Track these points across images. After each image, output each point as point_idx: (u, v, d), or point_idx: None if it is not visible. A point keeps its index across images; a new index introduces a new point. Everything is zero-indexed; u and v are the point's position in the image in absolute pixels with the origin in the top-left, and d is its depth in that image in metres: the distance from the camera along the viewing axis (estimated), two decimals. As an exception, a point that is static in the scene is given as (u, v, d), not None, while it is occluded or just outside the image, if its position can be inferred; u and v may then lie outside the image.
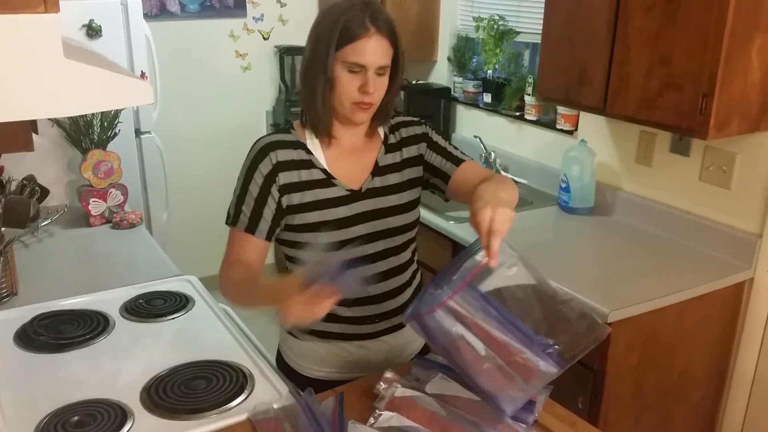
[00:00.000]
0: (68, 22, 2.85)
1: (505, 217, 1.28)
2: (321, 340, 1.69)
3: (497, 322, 1.30)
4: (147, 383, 1.59)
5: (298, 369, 1.73)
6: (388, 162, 1.66)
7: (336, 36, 1.47)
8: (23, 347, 1.77)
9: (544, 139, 3.18)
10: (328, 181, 1.59)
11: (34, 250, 2.41)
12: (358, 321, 1.68)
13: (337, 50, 1.47)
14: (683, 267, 2.35)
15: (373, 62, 1.48)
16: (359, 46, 1.46)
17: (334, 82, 1.50)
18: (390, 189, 1.65)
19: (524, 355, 1.29)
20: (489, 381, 1.32)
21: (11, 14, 0.99)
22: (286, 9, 4.25)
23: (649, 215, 2.67)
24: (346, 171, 1.61)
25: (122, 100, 1.26)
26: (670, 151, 2.58)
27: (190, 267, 2.45)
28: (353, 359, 1.71)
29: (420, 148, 1.69)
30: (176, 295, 2.05)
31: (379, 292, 1.67)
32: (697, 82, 2.04)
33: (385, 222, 1.63)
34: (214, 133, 4.22)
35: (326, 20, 1.50)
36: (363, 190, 1.61)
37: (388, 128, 1.69)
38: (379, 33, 1.48)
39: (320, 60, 1.49)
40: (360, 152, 1.64)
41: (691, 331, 2.28)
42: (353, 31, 1.46)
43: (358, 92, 1.49)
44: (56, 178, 2.87)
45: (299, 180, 1.57)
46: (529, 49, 3.39)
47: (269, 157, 1.57)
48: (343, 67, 1.48)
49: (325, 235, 1.57)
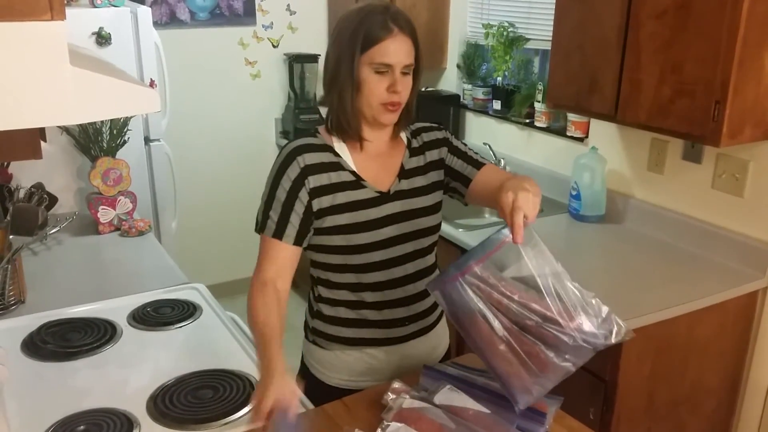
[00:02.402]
0: (78, 29, 2.86)
1: (527, 198, 1.30)
2: (349, 348, 1.69)
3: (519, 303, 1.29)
4: (154, 392, 1.59)
5: (326, 379, 1.72)
6: (413, 165, 1.68)
7: (360, 40, 1.50)
8: (30, 355, 1.76)
9: (555, 147, 3.16)
10: (357, 183, 1.60)
11: (42, 257, 2.41)
12: (387, 324, 1.68)
13: (362, 53, 1.50)
14: (695, 276, 2.32)
15: (399, 61, 1.51)
16: (384, 47, 1.49)
17: (362, 85, 1.52)
18: (416, 191, 1.66)
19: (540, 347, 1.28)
20: (504, 364, 1.31)
21: (18, 21, 0.99)
22: (296, 17, 4.25)
23: (661, 223, 2.64)
24: (373, 173, 1.63)
25: (129, 107, 1.25)
26: (682, 158, 2.56)
27: (199, 275, 2.44)
28: (381, 366, 1.70)
29: (441, 153, 1.71)
30: (184, 304, 2.05)
31: (408, 294, 1.67)
32: (710, 89, 2.02)
33: (413, 224, 1.64)
34: (223, 140, 4.23)
35: (347, 26, 1.53)
36: (391, 192, 1.63)
37: (410, 133, 1.71)
38: (402, 33, 1.51)
39: (346, 65, 1.51)
40: (386, 156, 1.66)
41: (703, 341, 2.25)
42: (377, 33, 1.49)
43: (386, 92, 1.52)
44: (65, 186, 2.87)
45: (329, 182, 1.57)
46: (539, 56, 3.38)
47: (297, 161, 1.57)
48: (370, 70, 1.51)
49: (357, 237, 1.58)
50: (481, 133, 3.59)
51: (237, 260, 4.38)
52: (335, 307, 1.68)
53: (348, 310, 1.67)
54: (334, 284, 1.66)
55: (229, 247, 4.35)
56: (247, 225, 5.11)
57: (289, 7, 4.22)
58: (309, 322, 1.76)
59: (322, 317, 1.70)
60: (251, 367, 1.70)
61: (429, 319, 1.75)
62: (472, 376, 1.50)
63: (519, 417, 1.36)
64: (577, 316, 1.28)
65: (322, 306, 1.70)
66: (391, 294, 1.65)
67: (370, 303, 1.65)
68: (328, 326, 1.70)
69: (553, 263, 1.31)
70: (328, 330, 1.70)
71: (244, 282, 5.06)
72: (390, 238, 1.61)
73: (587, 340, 1.28)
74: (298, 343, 1.79)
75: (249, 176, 4.35)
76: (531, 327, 1.28)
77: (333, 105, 1.58)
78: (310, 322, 1.75)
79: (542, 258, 1.31)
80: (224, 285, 4.10)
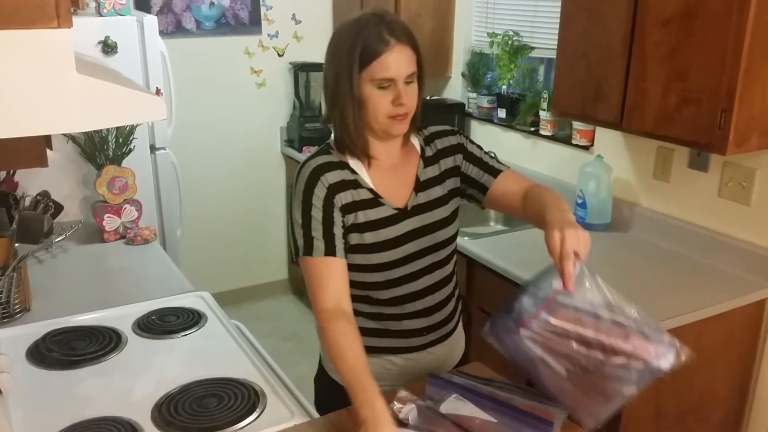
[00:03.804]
0: (84, 38, 2.87)
1: (576, 237, 1.28)
2: (370, 356, 1.67)
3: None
4: (158, 401, 1.58)
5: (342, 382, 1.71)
6: (428, 176, 1.65)
7: (357, 56, 1.45)
8: (35, 364, 1.76)
9: (560, 155, 3.16)
10: (375, 201, 1.57)
11: (48, 265, 2.41)
12: (407, 334, 1.67)
13: (362, 70, 1.46)
14: (702, 285, 2.31)
15: (400, 73, 1.47)
16: (384, 62, 1.45)
17: (365, 102, 1.49)
18: (434, 203, 1.64)
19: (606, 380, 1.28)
20: (570, 398, 1.33)
21: (24, 29, 0.99)
22: (301, 26, 4.27)
23: (667, 232, 2.63)
24: (389, 189, 1.60)
25: (135, 115, 1.25)
26: (688, 166, 2.55)
27: (204, 283, 2.44)
28: (399, 371, 1.70)
29: (456, 159, 1.68)
30: (189, 312, 2.04)
31: (427, 306, 1.66)
32: (716, 97, 2.02)
33: (432, 237, 1.62)
34: (228, 149, 4.23)
35: (343, 43, 1.49)
36: (409, 207, 1.61)
37: (423, 140, 1.68)
38: (400, 42, 1.47)
39: (345, 83, 1.48)
40: (400, 168, 1.63)
41: (711, 351, 2.24)
42: (374, 48, 1.45)
43: (392, 106, 1.49)
44: (71, 194, 2.87)
45: (352, 200, 1.55)
46: (543, 64, 3.38)
47: (321, 181, 1.53)
48: (372, 86, 1.47)
49: (377, 256, 1.56)
50: (486, 142, 3.58)
51: (242, 268, 4.40)
52: (355, 317, 1.66)
53: (367, 320, 1.65)
54: (354, 297, 1.63)
55: (234, 255, 4.36)
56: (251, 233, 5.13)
57: (294, 17, 4.23)
58: None
59: None
60: (256, 376, 1.69)
61: (447, 327, 1.74)
62: (478, 385, 1.49)
63: (526, 426, 1.35)
64: (637, 345, 1.26)
65: None
66: (410, 306, 1.64)
67: (390, 315, 1.64)
68: None
69: (606, 294, 1.30)
70: None
71: (248, 290, 5.07)
72: (409, 255, 1.59)
73: (649, 367, 1.28)
74: (303, 350, 1.79)
75: (254, 184, 4.36)
76: (593, 367, 1.28)
77: (336, 123, 1.55)
78: None
79: (597, 291, 1.30)
80: (229, 293, 4.10)
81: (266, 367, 1.74)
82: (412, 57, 1.50)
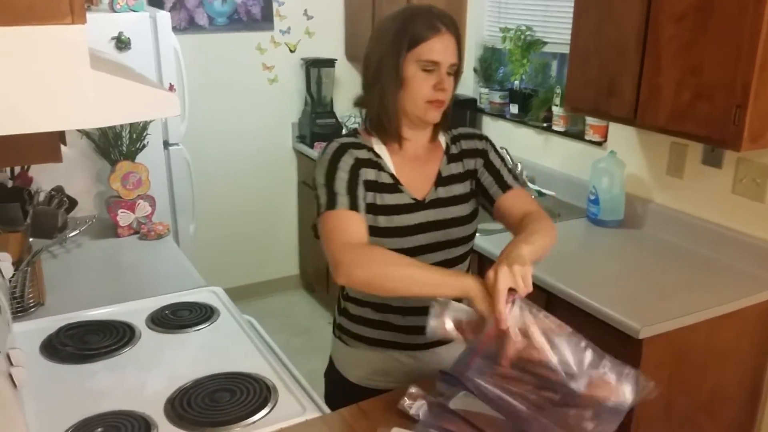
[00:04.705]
0: (97, 34, 2.88)
1: (508, 276, 1.29)
2: (372, 348, 1.70)
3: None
4: (171, 395, 1.59)
5: (350, 377, 1.73)
6: (451, 172, 1.66)
7: (407, 37, 1.50)
8: (49, 357, 1.77)
9: (572, 150, 3.15)
10: (395, 187, 1.59)
11: (62, 260, 2.43)
12: (410, 331, 1.67)
13: (409, 51, 1.50)
14: (715, 282, 2.30)
15: (446, 60, 1.51)
16: (432, 45, 1.50)
17: (407, 82, 1.52)
18: (454, 200, 1.65)
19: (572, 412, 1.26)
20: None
21: (39, 25, 1.00)
22: (313, 22, 4.27)
23: (681, 228, 2.61)
24: (410, 179, 1.61)
25: (149, 111, 1.26)
26: (701, 162, 2.53)
27: (216, 278, 2.45)
28: (405, 369, 1.70)
29: (477, 163, 1.70)
30: (202, 307, 2.05)
31: None
32: (730, 93, 2.00)
33: (445, 233, 1.63)
34: (240, 144, 4.24)
35: (392, 26, 1.53)
36: (426, 200, 1.62)
37: (449, 138, 1.70)
38: (449, 32, 1.52)
39: (391, 63, 1.51)
40: (423, 161, 1.65)
41: (723, 348, 2.23)
42: (424, 32, 1.50)
43: (433, 90, 1.52)
44: (85, 189, 2.89)
45: (375, 180, 1.57)
46: (556, 59, 3.36)
47: (349, 152, 1.56)
48: (417, 67, 1.51)
49: (387, 241, 1.57)
50: (498, 137, 3.58)
51: (254, 263, 4.41)
52: (361, 307, 1.68)
53: (373, 311, 1.67)
54: None
55: (246, 250, 4.37)
56: (263, 228, 5.14)
57: (306, 12, 4.23)
58: (336, 318, 1.77)
59: (348, 315, 1.72)
60: (268, 371, 1.70)
61: None
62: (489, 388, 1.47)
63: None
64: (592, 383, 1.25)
65: (348, 304, 1.71)
66: (418, 301, 1.63)
67: (395, 308, 1.65)
68: (353, 324, 1.71)
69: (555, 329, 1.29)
70: (352, 328, 1.71)
71: (260, 285, 5.09)
72: (419, 247, 1.60)
73: (609, 406, 1.26)
74: (314, 345, 1.80)
75: (266, 180, 4.37)
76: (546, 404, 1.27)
77: (374, 104, 1.58)
78: (337, 318, 1.76)
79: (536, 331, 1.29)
80: (241, 288, 4.12)
81: (278, 362, 1.75)
82: (456, 50, 1.54)
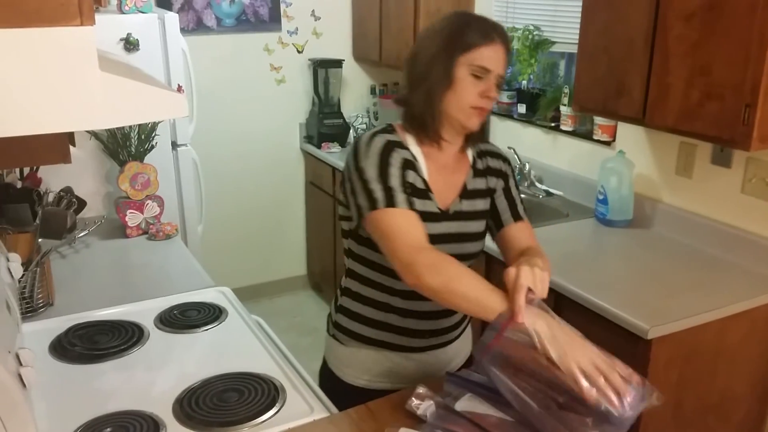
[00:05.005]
0: (106, 36, 2.89)
1: (530, 275, 1.31)
2: (367, 347, 1.69)
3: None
4: (180, 395, 1.59)
5: (342, 376, 1.73)
6: (476, 186, 1.65)
7: (461, 41, 1.48)
8: (58, 358, 1.78)
9: (580, 150, 3.14)
10: (426, 193, 1.57)
11: (71, 260, 2.44)
12: (409, 333, 1.67)
13: (462, 54, 1.48)
14: (725, 282, 2.28)
15: (496, 69, 1.50)
16: (486, 52, 1.48)
17: (456, 84, 1.50)
18: (475, 215, 1.64)
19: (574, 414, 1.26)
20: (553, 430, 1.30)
21: (47, 27, 1.00)
22: (320, 22, 4.27)
23: (690, 228, 2.60)
24: (439, 187, 1.60)
25: (157, 112, 1.26)
26: (711, 162, 2.52)
27: (224, 278, 2.46)
28: (398, 370, 1.70)
29: (497, 184, 1.69)
30: (210, 307, 2.06)
31: (435, 309, 1.66)
32: (739, 92, 1.99)
33: (461, 247, 1.61)
34: (248, 145, 4.26)
35: (446, 27, 1.51)
36: (451, 211, 1.60)
37: (476, 152, 1.68)
38: (501, 43, 1.50)
39: (442, 63, 1.49)
40: (450, 171, 1.63)
41: (732, 349, 2.21)
42: (479, 38, 1.48)
43: (479, 97, 1.50)
44: (94, 190, 2.90)
45: (412, 182, 1.54)
46: (564, 59, 3.35)
47: (396, 150, 1.53)
48: (467, 71, 1.49)
49: None
50: (506, 137, 3.58)
51: (262, 263, 4.42)
52: (361, 305, 1.68)
53: (373, 310, 1.66)
54: (366, 280, 1.65)
55: (254, 250, 4.38)
56: (271, 229, 5.14)
57: (313, 13, 4.24)
58: (332, 315, 1.76)
59: (346, 312, 1.71)
60: (276, 371, 1.70)
61: (451, 335, 1.74)
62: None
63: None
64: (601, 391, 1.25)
65: (347, 301, 1.70)
66: (419, 305, 1.64)
67: (397, 308, 1.65)
68: (350, 322, 1.70)
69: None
70: (349, 326, 1.70)
71: (268, 286, 5.10)
72: None
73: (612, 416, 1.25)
74: (322, 346, 1.79)
75: (274, 180, 4.38)
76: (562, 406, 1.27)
77: (418, 102, 1.55)
78: (333, 316, 1.75)
79: None
80: (249, 288, 4.13)
81: (286, 362, 1.75)
82: (505, 62, 1.52)
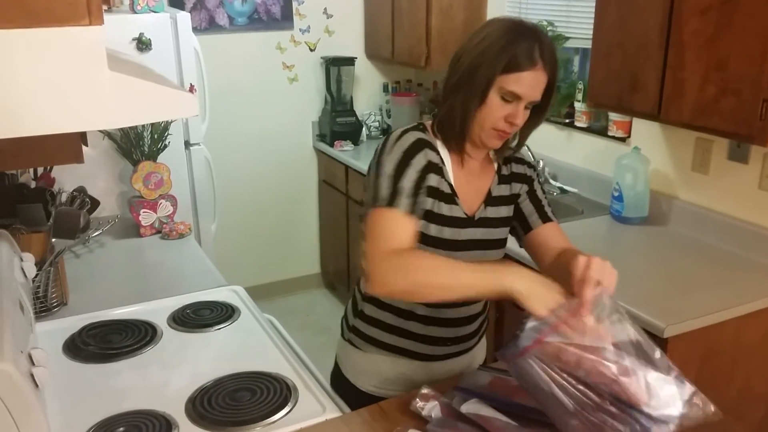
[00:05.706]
0: (118, 35, 2.90)
1: (601, 268, 1.25)
2: (388, 355, 1.67)
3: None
4: (192, 394, 1.59)
5: (357, 383, 1.71)
6: (501, 193, 1.63)
7: (504, 61, 1.43)
8: (72, 357, 1.79)
9: (595, 147, 3.11)
10: (452, 198, 1.54)
11: (85, 260, 2.45)
12: (430, 341, 1.66)
13: (502, 74, 1.43)
14: (742, 279, 2.26)
15: (529, 96, 1.46)
16: (522, 78, 1.43)
17: (484, 104, 1.46)
18: (499, 222, 1.62)
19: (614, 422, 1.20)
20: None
21: (56, 27, 1.00)
22: (332, 20, 4.27)
23: (707, 225, 2.57)
24: (464, 192, 1.57)
25: (167, 112, 1.26)
26: (727, 158, 2.49)
27: (237, 277, 2.46)
28: (416, 378, 1.68)
29: (522, 189, 1.66)
30: (223, 306, 2.06)
31: (458, 316, 1.65)
32: (756, 87, 1.96)
33: (483, 253, 1.60)
34: (261, 144, 4.26)
35: (497, 41, 1.45)
36: (476, 218, 1.59)
37: (502, 159, 1.66)
38: (544, 69, 1.46)
39: (482, 78, 1.45)
40: (476, 177, 1.61)
41: (751, 347, 2.19)
42: (521, 61, 1.43)
43: (503, 121, 1.47)
44: (107, 190, 2.92)
45: (436, 187, 1.52)
46: (578, 54, 3.33)
47: (424, 152, 1.49)
48: (498, 93, 1.45)
49: (432, 251, 1.52)
50: (520, 134, 3.56)
51: (275, 262, 4.43)
52: (382, 311, 1.65)
53: (395, 317, 1.64)
54: None
55: (267, 249, 4.39)
56: (284, 227, 5.14)
57: (326, 11, 4.23)
58: (349, 319, 1.74)
59: (364, 317, 1.68)
60: (288, 370, 1.69)
61: (470, 342, 1.73)
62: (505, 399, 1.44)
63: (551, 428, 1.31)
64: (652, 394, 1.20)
65: (366, 306, 1.67)
66: (443, 312, 1.63)
67: (420, 316, 1.63)
68: (368, 327, 1.68)
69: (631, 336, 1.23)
70: (367, 331, 1.68)
71: (281, 284, 5.10)
72: None
73: (663, 417, 1.22)
74: (335, 345, 1.79)
75: (286, 179, 4.38)
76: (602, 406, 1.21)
77: (454, 108, 1.50)
78: (351, 320, 1.73)
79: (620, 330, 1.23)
80: (262, 287, 4.13)
81: (298, 361, 1.75)
82: (543, 88, 1.48)
